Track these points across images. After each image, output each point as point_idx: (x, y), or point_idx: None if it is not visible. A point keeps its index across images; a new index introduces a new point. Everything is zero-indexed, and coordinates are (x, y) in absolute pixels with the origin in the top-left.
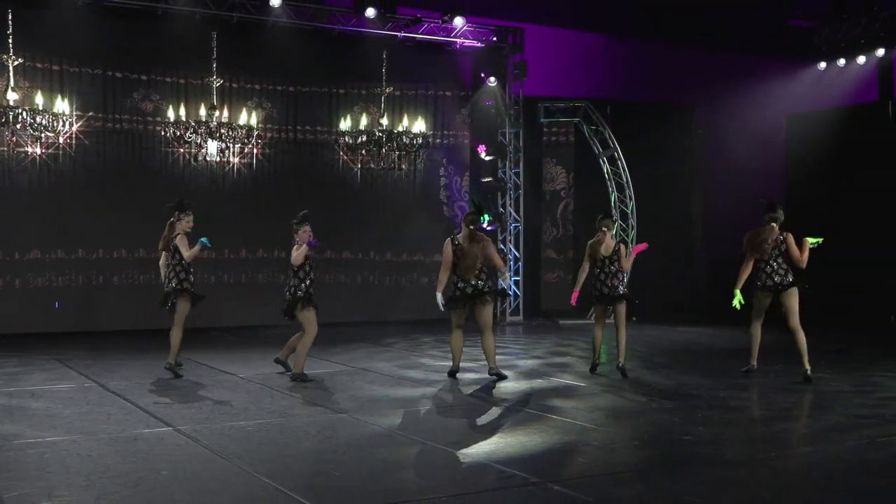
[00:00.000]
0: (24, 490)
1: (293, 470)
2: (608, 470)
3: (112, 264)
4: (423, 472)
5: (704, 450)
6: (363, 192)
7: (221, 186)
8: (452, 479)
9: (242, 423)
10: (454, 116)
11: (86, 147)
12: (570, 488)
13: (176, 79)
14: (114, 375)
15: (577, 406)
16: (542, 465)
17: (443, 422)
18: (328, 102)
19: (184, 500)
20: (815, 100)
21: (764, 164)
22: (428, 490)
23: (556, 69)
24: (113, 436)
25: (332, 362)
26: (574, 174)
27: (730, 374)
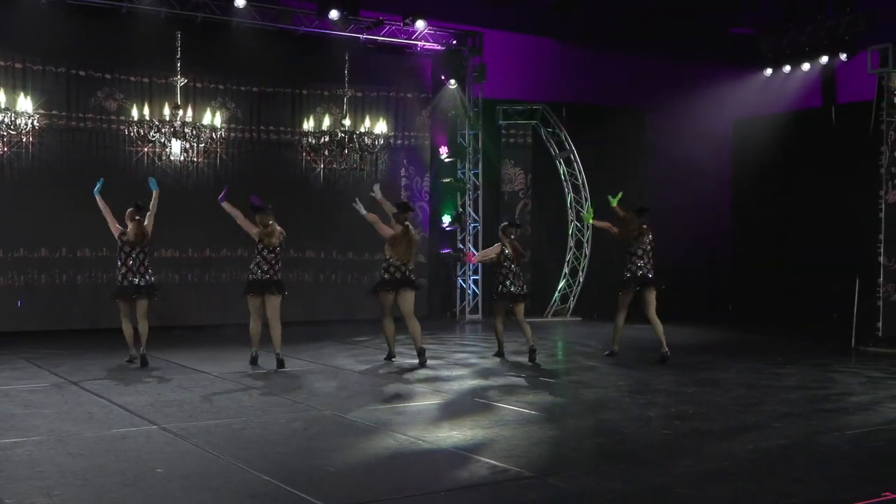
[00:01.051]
0: (20, 489)
1: (289, 466)
2: (594, 464)
3: (75, 263)
4: (417, 467)
5: (684, 443)
6: (326, 192)
7: (185, 186)
8: (446, 473)
9: (227, 421)
10: (415, 118)
11: (49, 146)
12: (563, 481)
13: (140, 78)
14: (86, 374)
15: (553, 401)
16: (530, 458)
17: (425, 417)
18: (291, 103)
19: (186, 498)
20: (761, 105)
21: (712, 168)
22: (426, 485)
23: (514, 73)
24: (99, 434)
25: (303, 360)
26: (532, 175)
27: (693, 369)
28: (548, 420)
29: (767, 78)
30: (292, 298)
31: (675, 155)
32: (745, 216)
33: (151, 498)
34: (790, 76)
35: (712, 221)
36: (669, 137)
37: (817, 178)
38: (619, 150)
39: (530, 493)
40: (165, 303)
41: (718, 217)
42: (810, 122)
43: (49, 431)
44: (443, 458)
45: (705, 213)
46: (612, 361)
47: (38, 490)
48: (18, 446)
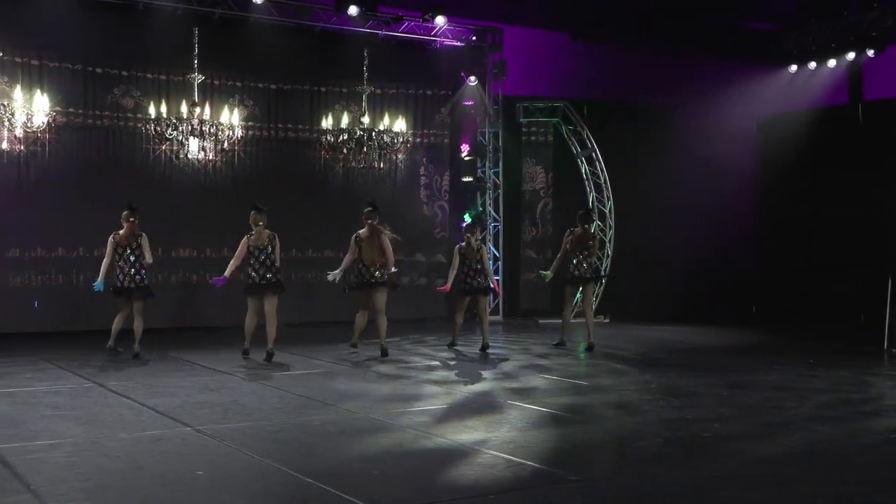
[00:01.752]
0: (61, 491)
1: (330, 469)
2: (636, 466)
3: (93, 263)
4: (456, 469)
5: (724, 445)
6: (344, 190)
7: (203, 185)
8: (491, 476)
9: (262, 423)
10: (434, 115)
11: (66, 144)
12: (611, 486)
13: (157, 75)
14: (110, 376)
15: (584, 402)
16: (571, 461)
17: (460, 419)
18: (310, 100)
19: (231, 501)
20: (786, 103)
21: (736, 166)
22: (472, 487)
23: (534, 69)
24: (133, 436)
25: (326, 361)
26: (553, 174)
27: (723, 372)
28: (582, 422)
29: (792, 75)
30: (311, 299)
31: (698, 153)
32: (770, 215)
33: (196, 500)
34: (815, 73)
35: (736, 221)
36: (693, 136)
37: (844, 176)
38: (642, 149)
39: (577, 496)
40: (176, 303)
41: (742, 216)
42: (837, 120)
43: (83, 433)
44: (485, 461)
45: (729, 213)
46: (639, 363)
47: (81, 492)
48: (55, 448)
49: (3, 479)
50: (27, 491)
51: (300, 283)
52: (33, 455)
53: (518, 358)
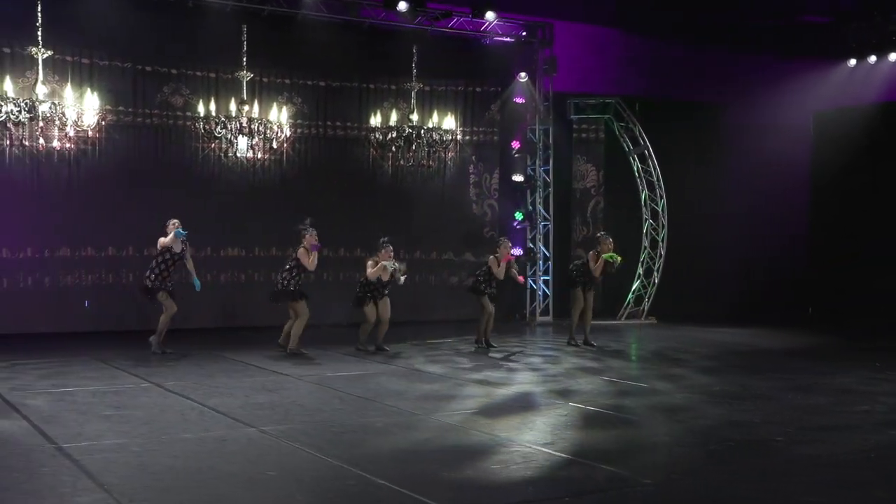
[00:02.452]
0: (136, 490)
1: (400, 471)
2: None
3: (142, 262)
4: (533, 472)
5: (801, 449)
6: (393, 189)
7: (251, 183)
8: (562, 478)
9: (325, 424)
10: (484, 113)
11: (115, 142)
12: (688, 490)
13: (206, 73)
14: (166, 376)
15: (648, 404)
16: (643, 463)
17: (521, 419)
18: (358, 97)
19: (307, 501)
20: (844, 97)
21: (791, 163)
22: (547, 489)
23: (585, 65)
24: (199, 436)
25: (378, 362)
26: (604, 172)
27: (787, 374)
28: (648, 424)
29: (851, 69)
30: None
31: (752, 150)
32: (826, 213)
33: (271, 500)
34: (875, 67)
35: (791, 219)
36: (747, 132)
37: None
38: (695, 146)
39: (654, 500)
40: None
41: (797, 214)
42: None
43: (147, 433)
44: (555, 463)
45: (783, 211)
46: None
47: (155, 492)
48: (122, 448)
49: (75, 478)
50: (101, 490)
51: (349, 284)
52: (101, 454)
53: (572, 360)
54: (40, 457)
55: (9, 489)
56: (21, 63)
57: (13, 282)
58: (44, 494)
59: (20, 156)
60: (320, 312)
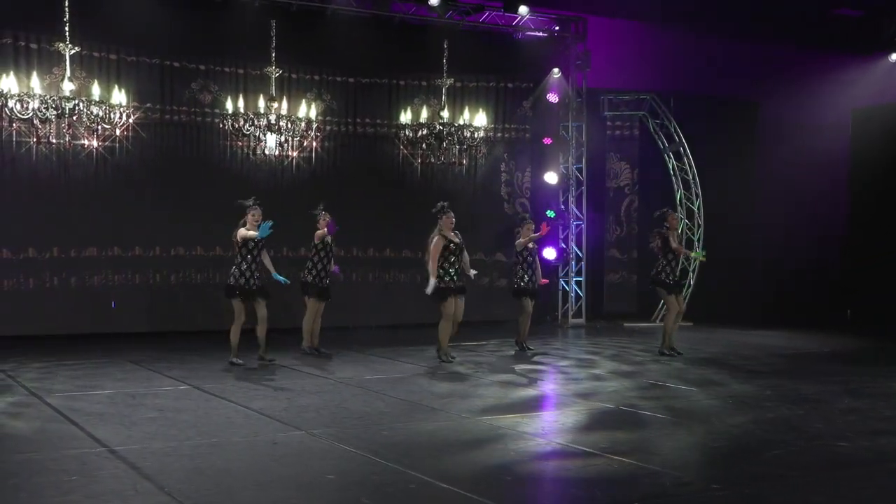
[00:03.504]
0: (197, 492)
1: (464, 474)
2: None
3: (169, 262)
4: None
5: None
6: (423, 187)
7: (280, 181)
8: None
9: (375, 427)
10: (516, 109)
11: (143, 140)
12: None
13: (234, 69)
14: (203, 378)
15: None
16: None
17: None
18: (388, 94)
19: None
20: (885, 94)
21: (830, 161)
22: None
23: (619, 60)
24: (248, 439)
25: (415, 363)
26: (639, 170)
27: (838, 379)
28: (706, 429)
29: (892, 64)
30: (392, 301)
31: (789, 148)
32: (865, 214)
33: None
34: None
35: (829, 219)
36: (784, 129)
37: None
38: (731, 144)
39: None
40: None
41: (835, 214)
42: None
43: (197, 436)
44: (620, 468)
45: (821, 211)
46: (744, 368)
47: (216, 494)
48: (174, 451)
49: (134, 481)
50: (162, 493)
51: (378, 284)
52: (155, 457)
53: (617, 364)
54: (95, 460)
55: (72, 492)
56: (48, 59)
57: (39, 281)
58: (108, 498)
59: (47, 154)
60: (350, 314)
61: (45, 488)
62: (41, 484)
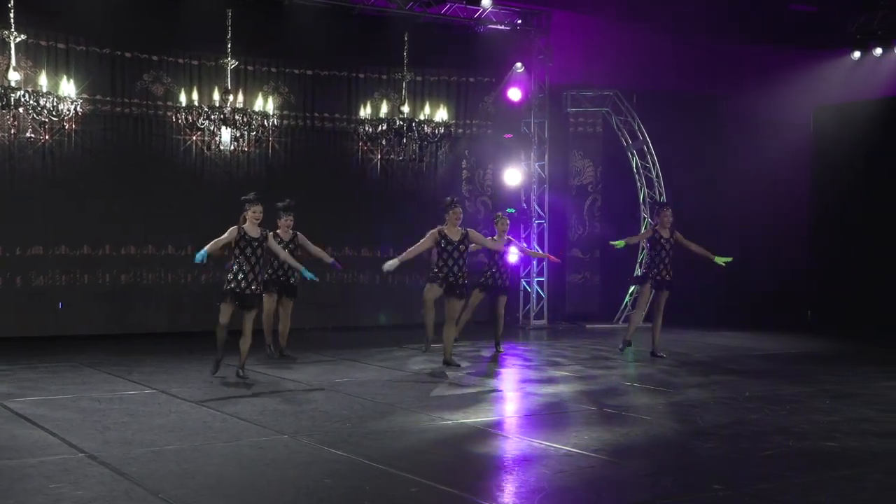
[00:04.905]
0: (194, 496)
1: (462, 478)
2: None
3: (120, 262)
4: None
5: (858, 455)
6: (383, 185)
7: (235, 177)
8: (633, 485)
9: (359, 430)
10: (478, 105)
11: (92, 133)
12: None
13: (188, 60)
14: (167, 382)
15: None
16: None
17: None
18: (347, 87)
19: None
20: (847, 92)
21: (792, 160)
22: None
23: (582, 57)
24: (233, 444)
25: (380, 366)
26: (602, 168)
27: (813, 380)
28: (693, 430)
29: (855, 62)
30: (349, 302)
31: (751, 145)
32: (827, 213)
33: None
34: (881, 60)
35: (790, 219)
36: (746, 126)
37: None
38: (694, 140)
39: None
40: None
41: (797, 214)
42: None
43: (178, 441)
44: (617, 472)
45: (783, 210)
46: (716, 369)
47: (215, 498)
48: (159, 456)
49: (124, 487)
50: (157, 498)
51: (336, 285)
52: (140, 462)
53: (587, 365)
54: (77, 466)
55: (61, 500)
56: None
57: None
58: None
59: None
60: (307, 315)
61: (32, 495)
62: (27, 490)
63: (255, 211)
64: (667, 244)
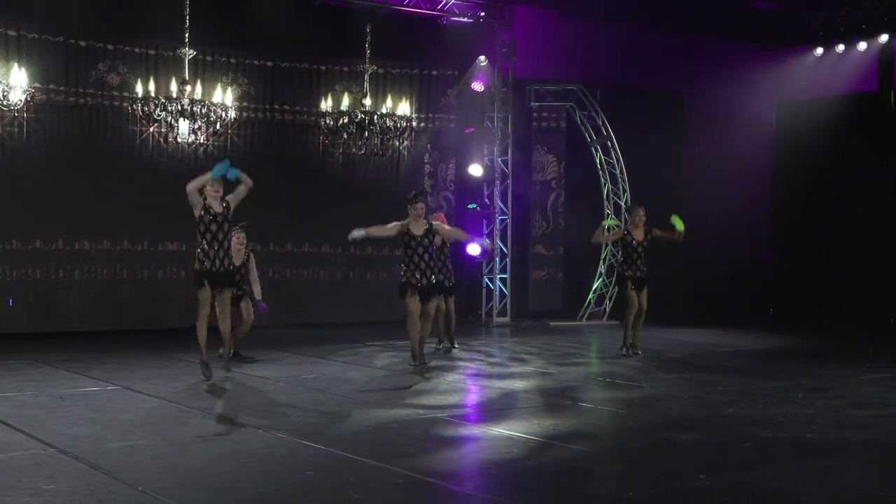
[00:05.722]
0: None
1: (440, 468)
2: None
3: (73, 257)
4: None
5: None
6: (344, 179)
7: (193, 170)
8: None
9: (334, 423)
10: (440, 98)
11: (45, 123)
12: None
13: (145, 49)
14: (130, 378)
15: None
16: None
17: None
18: (308, 79)
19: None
20: (809, 88)
21: (754, 156)
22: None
23: (546, 50)
24: (208, 437)
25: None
26: (565, 163)
27: (784, 375)
28: (670, 423)
29: (818, 58)
30: (310, 299)
31: (715, 141)
32: (788, 210)
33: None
34: (844, 56)
35: (752, 216)
36: (709, 123)
37: (870, 167)
38: (657, 137)
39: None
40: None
41: (759, 211)
42: (865, 107)
43: (150, 436)
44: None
45: (745, 207)
46: (686, 364)
47: (200, 490)
48: (134, 451)
49: (103, 480)
50: (138, 491)
51: (297, 281)
52: (113, 457)
53: (546, 362)
54: (49, 461)
55: (38, 494)
56: None
57: None
58: (81, 499)
59: None
60: None
61: (7, 490)
62: (1, 486)
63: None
64: (638, 247)
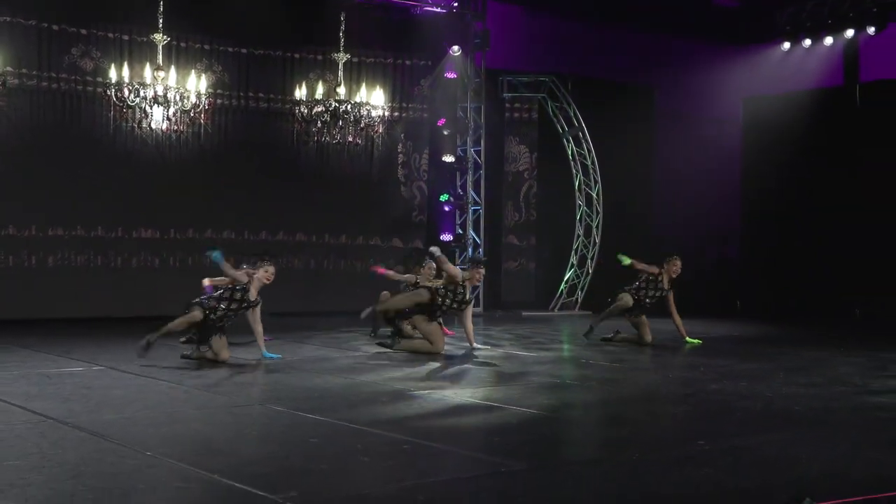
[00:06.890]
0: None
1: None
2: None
3: (46, 243)
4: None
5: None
6: (318, 168)
7: (167, 158)
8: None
9: (330, 399)
10: (414, 88)
11: (17, 109)
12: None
13: (119, 34)
14: (113, 360)
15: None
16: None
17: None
18: (283, 67)
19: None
20: (776, 83)
21: (722, 150)
22: None
23: (519, 41)
24: (205, 410)
25: (325, 347)
26: (538, 154)
27: (765, 357)
28: (665, 399)
29: (785, 53)
30: (284, 287)
31: (684, 135)
32: (756, 203)
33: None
34: (810, 51)
35: (720, 209)
36: (677, 116)
37: (837, 162)
38: (627, 129)
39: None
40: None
41: (726, 204)
42: (830, 102)
43: (145, 410)
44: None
45: (713, 200)
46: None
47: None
48: (132, 423)
49: (110, 447)
50: (146, 455)
51: None
52: (114, 427)
53: (524, 346)
54: (51, 430)
55: (49, 459)
56: None
57: None
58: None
59: None
60: None
61: (16, 455)
62: (5, 455)
63: (268, 271)
64: (659, 292)
